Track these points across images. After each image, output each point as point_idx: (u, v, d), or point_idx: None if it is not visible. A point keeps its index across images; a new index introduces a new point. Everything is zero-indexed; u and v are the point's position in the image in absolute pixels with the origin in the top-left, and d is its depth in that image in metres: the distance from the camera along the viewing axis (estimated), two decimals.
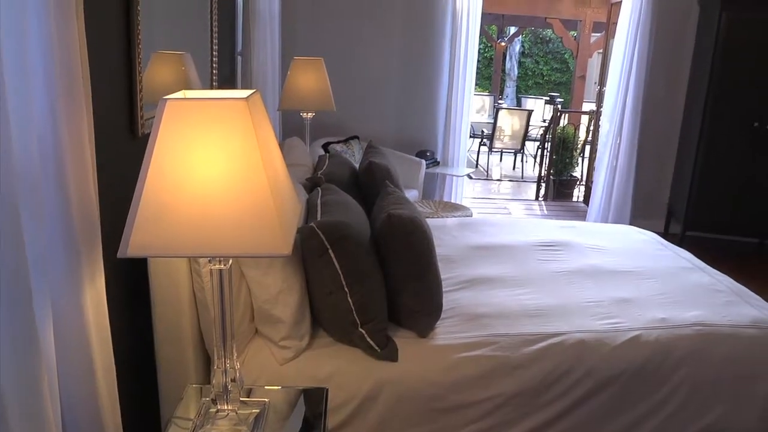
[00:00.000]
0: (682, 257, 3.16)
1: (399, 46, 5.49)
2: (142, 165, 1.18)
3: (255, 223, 1.20)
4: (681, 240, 5.28)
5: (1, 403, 0.98)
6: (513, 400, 2.08)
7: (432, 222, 3.45)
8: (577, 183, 7.48)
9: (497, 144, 8.79)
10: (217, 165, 1.18)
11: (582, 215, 6.36)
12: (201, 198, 1.18)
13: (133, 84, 1.98)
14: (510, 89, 16.77)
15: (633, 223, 5.33)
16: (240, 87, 3.89)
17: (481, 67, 12.74)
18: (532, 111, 9.10)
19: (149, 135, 1.19)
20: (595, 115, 6.85)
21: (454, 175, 5.58)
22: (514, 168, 9.51)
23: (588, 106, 9.69)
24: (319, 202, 2.31)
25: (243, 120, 1.18)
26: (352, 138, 4.88)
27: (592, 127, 7.45)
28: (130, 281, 1.94)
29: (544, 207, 6.99)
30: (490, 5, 7.82)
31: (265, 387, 1.75)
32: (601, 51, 7.66)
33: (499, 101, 13.03)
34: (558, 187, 7.29)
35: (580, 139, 7.79)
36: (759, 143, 5.15)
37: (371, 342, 2.00)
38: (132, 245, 1.17)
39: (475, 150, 9.15)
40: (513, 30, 14.44)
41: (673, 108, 5.74)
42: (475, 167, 8.87)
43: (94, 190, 1.37)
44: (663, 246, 3.34)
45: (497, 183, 8.64)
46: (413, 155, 5.34)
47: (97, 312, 1.40)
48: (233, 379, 1.46)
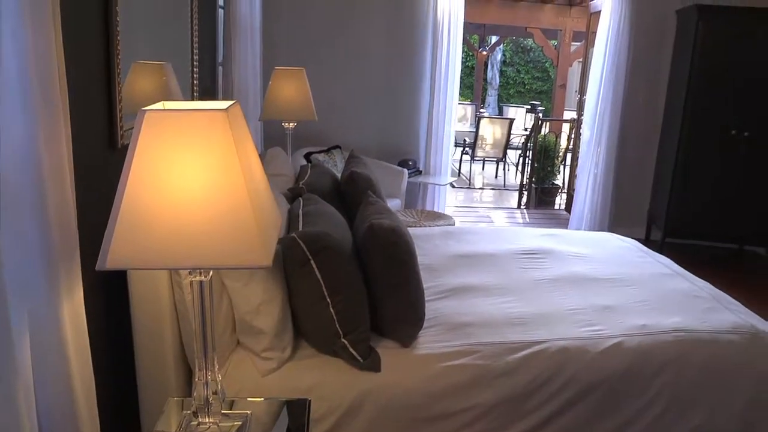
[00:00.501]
0: (662, 264, 3.19)
1: (381, 55, 5.51)
2: (120, 177, 1.17)
3: (234, 235, 1.19)
4: (661, 246, 5.33)
5: None
6: (497, 408, 2.08)
7: (414, 231, 3.46)
8: (559, 191, 7.53)
9: (479, 153, 8.83)
10: (197, 176, 1.17)
11: (564, 223, 6.40)
12: (180, 210, 1.17)
13: (113, 94, 1.97)
14: (492, 98, 16.88)
15: (614, 230, 5.37)
16: (221, 97, 3.88)
17: (463, 76, 12.79)
18: (513, 120, 9.16)
19: (129, 146, 1.18)
20: (576, 124, 6.91)
21: (436, 184, 5.59)
22: (496, 176, 9.56)
23: (569, 114, 9.76)
24: (301, 212, 2.31)
25: (222, 131, 1.18)
26: (334, 148, 4.88)
27: (573, 136, 7.52)
28: (109, 293, 1.92)
29: (526, 215, 7.03)
30: (471, 15, 7.88)
31: (248, 399, 1.74)
32: (581, 60, 7.73)
33: (481, 110, 13.10)
34: (540, 195, 7.33)
35: (561, 148, 7.85)
36: (736, 150, 5.21)
37: (354, 352, 1.99)
38: (111, 258, 1.16)
39: (458, 159, 9.18)
40: (494, 39, 14.54)
41: (653, 116, 5.80)
42: (458, 176, 8.91)
43: (72, 201, 1.35)
44: (643, 253, 3.37)
45: (479, 191, 8.67)
46: (395, 164, 5.34)
47: (76, 325, 1.38)
48: (215, 392, 1.45)
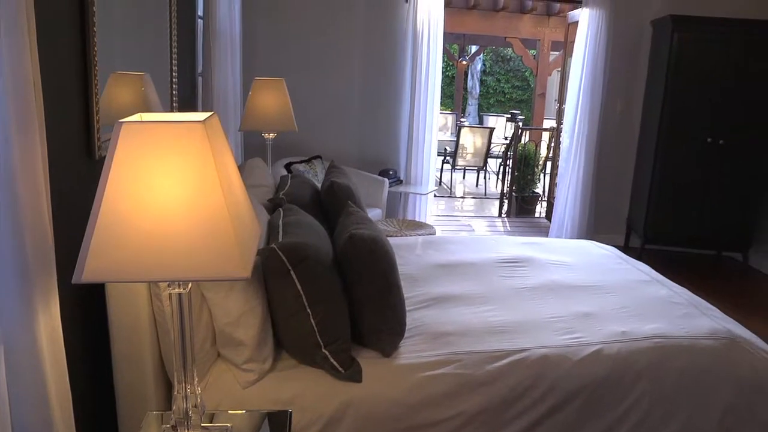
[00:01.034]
0: (640, 271, 3.22)
1: (361, 65, 5.52)
2: (97, 189, 1.16)
3: (213, 247, 1.19)
4: (640, 253, 5.39)
5: None
6: (478, 417, 2.08)
7: (395, 240, 3.46)
8: (539, 199, 7.58)
9: (460, 162, 8.87)
10: (174, 188, 1.17)
11: (544, 231, 6.44)
12: (158, 222, 1.17)
13: (90, 105, 1.95)
14: (472, 107, 16.98)
15: (594, 238, 5.41)
16: (201, 108, 3.87)
17: (444, 86, 12.86)
18: (493, 129, 9.21)
19: (105, 158, 1.17)
20: (556, 132, 6.96)
21: (417, 194, 5.60)
22: (477, 185, 9.61)
23: (548, 123, 9.85)
24: (281, 223, 2.30)
25: (200, 143, 1.17)
26: (314, 158, 4.88)
27: (552, 144, 7.58)
28: (87, 305, 1.90)
29: (507, 223, 7.06)
30: (451, 25, 7.94)
31: (228, 411, 1.72)
32: (560, 69, 7.81)
33: (462, 119, 13.17)
34: (520, 204, 7.38)
35: (541, 156, 7.91)
36: (712, 158, 5.29)
37: (335, 363, 1.99)
38: (87, 270, 1.15)
39: (438, 168, 9.22)
40: (474, 49, 14.64)
41: (630, 124, 5.88)
42: (439, 185, 8.94)
43: (47, 213, 1.34)
44: (622, 260, 3.40)
45: (460, 200, 8.71)
46: (376, 174, 5.35)
47: (52, 338, 1.37)
48: (195, 405, 1.44)
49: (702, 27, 5.16)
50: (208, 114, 1.29)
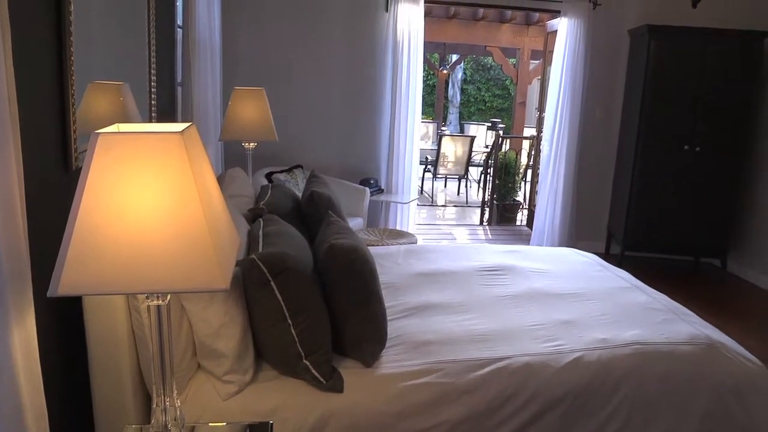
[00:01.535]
0: (620, 277, 3.24)
1: (342, 75, 5.53)
2: (73, 200, 1.15)
3: (191, 258, 1.18)
4: (621, 260, 5.43)
5: None
6: (461, 425, 2.08)
7: (376, 250, 3.46)
8: (520, 207, 7.62)
9: (441, 170, 8.90)
10: (152, 200, 1.16)
11: (526, 239, 6.48)
12: (135, 234, 1.16)
13: (66, 115, 1.93)
14: (453, 116, 17.06)
15: (575, 245, 5.46)
16: (180, 118, 3.84)
17: (424, 95, 12.92)
18: (474, 137, 9.26)
19: (82, 169, 1.16)
20: (536, 140, 7.02)
21: (398, 203, 5.60)
22: (458, 193, 9.64)
23: (529, 131, 9.94)
24: (261, 233, 2.29)
25: (178, 154, 1.17)
26: (295, 167, 4.87)
27: (533, 152, 7.63)
28: (64, 318, 1.87)
29: (488, 231, 7.09)
30: (431, 34, 7.99)
31: (209, 424, 1.71)
32: (540, 78, 7.88)
33: (442, 128, 13.23)
34: (501, 212, 7.41)
35: (522, 164, 7.96)
36: (690, 165, 5.36)
37: (316, 373, 1.98)
38: (63, 283, 1.14)
39: (420, 176, 9.25)
40: (454, 58, 14.73)
41: (609, 132, 5.94)
42: (420, 194, 8.96)
43: (22, 225, 1.32)
44: (602, 267, 3.43)
45: (442, 209, 8.73)
46: (357, 183, 5.35)
47: (27, 352, 1.34)
48: (174, 418, 1.42)
49: (677, 36, 5.24)
50: (186, 125, 1.28)
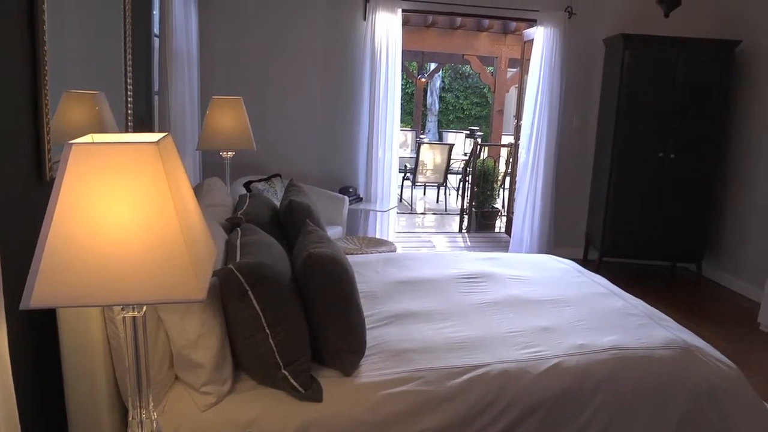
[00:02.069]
0: (598, 283, 3.27)
1: (320, 83, 5.54)
2: (46, 211, 1.14)
3: (167, 269, 1.17)
4: (599, 266, 5.49)
5: None
6: None
7: (355, 258, 3.46)
8: (499, 214, 7.66)
9: (420, 178, 8.93)
10: (127, 211, 1.15)
11: (504, 246, 6.51)
12: (110, 245, 1.14)
13: (40, 125, 1.91)
14: (432, 124, 17.12)
15: (554, 252, 5.50)
16: (157, 127, 3.82)
17: (403, 103, 12.98)
18: (453, 145, 9.31)
19: (55, 180, 1.15)
20: (514, 148, 7.06)
21: (376, 211, 5.61)
22: (437, 201, 9.68)
23: (507, 138, 10.01)
24: (239, 243, 2.28)
25: (153, 164, 1.16)
26: (274, 176, 4.85)
27: (511, 160, 7.68)
28: (37, 330, 1.85)
29: (467, 239, 7.12)
30: (409, 42, 8.02)
31: None
32: (518, 86, 7.94)
33: (421, 136, 13.27)
34: (480, 219, 7.45)
35: (500, 172, 8.01)
36: (665, 172, 5.44)
37: (295, 383, 1.97)
38: (36, 296, 1.12)
39: (399, 184, 9.26)
40: (433, 66, 14.80)
41: (586, 140, 6.01)
42: (399, 201, 8.97)
43: None
44: (580, 273, 3.45)
45: (421, 216, 8.75)
46: (336, 192, 5.35)
47: None
48: (151, 430, 1.41)
49: (651, 45, 5.33)
50: (161, 135, 1.27)
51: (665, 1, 3.06)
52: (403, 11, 5.50)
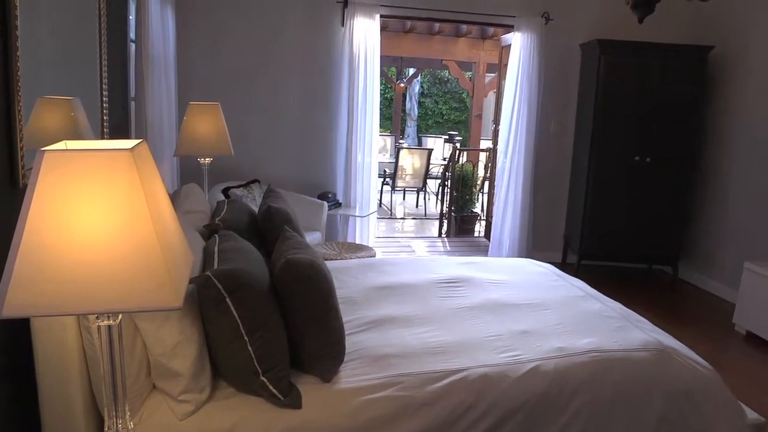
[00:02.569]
0: (576, 287, 3.30)
1: (298, 89, 5.53)
2: (18, 219, 1.12)
3: (143, 277, 1.16)
4: (577, 269, 5.52)
5: None
6: None
7: (334, 264, 3.45)
8: (478, 219, 7.69)
9: (399, 183, 8.94)
10: (101, 218, 1.14)
11: (484, 250, 6.54)
12: (84, 253, 1.13)
13: (13, 131, 1.89)
14: (411, 129, 17.16)
15: (533, 255, 5.54)
16: (134, 133, 3.79)
17: (382, 108, 12.99)
18: (432, 150, 9.33)
19: (27, 188, 1.13)
20: (492, 153, 7.10)
21: (355, 216, 5.60)
22: (417, 206, 9.69)
23: (485, 143, 10.06)
24: (216, 249, 2.26)
25: (128, 171, 1.15)
26: (252, 182, 4.83)
27: (489, 164, 7.72)
28: (10, 339, 1.82)
29: (447, 243, 7.14)
30: (387, 48, 8.04)
31: None
32: (496, 91, 7.99)
33: (400, 141, 13.29)
34: (460, 224, 7.47)
35: (479, 176, 8.04)
36: (641, 176, 5.50)
37: (274, 390, 1.96)
38: (8, 305, 1.11)
39: (378, 189, 9.27)
40: (412, 71, 14.84)
41: (564, 144, 6.06)
42: (379, 206, 8.98)
43: None
44: (558, 277, 3.48)
45: (401, 221, 8.76)
46: (315, 197, 5.34)
47: None
48: None
49: (626, 50, 5.39)
50: (136, 141, 1.26)
51: (639, 8, 3.09)
52: (382, 17, 5.51)
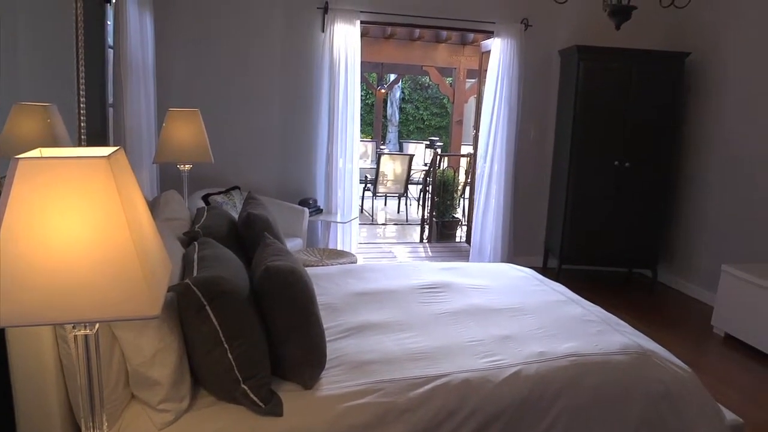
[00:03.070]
0: (556, 291, 3.32)
1: (278, 95, 5.51)
2: None
3: (119, 286, 1.15)
4: (558, 274, 5.56)
5: None
6: None
7: (315, 270, 3.44)
8: (459, 224, 7.72)
9: (381, 189, 8.95)
10: (77, 227, 1.12)
11: (465, 255, 6.56)
12: (60, 262, 1.12)
13: None
14: (392, 134, 17.20)
15: (514, 260, 5.56)
16: (112, 140, 3.76)
17: (363, 114, 13.00)
18: (413, 155, 9.35)
19: (1, 196, 1.12)
20: (473, 158, 7.13)
21: (336, 222, 5.59)
22: (398, 212, 9.70)
23: (466, 149, 10.10)
24: (196, 257, 2.25)
25: (104, 179, 1.14)
26: (233, 189, 4.81)
27: (470, 170, 7.75)
28: None
29: (428, 249, 7.15)
30: (368, 54, 8.05)
31: None
32: (476, 96, 8.03)
33: (381, 147, 13.31)
34: (441, 229, 7.49)
35: (460, 182, 8.07)
36: (620, 180, 5.55)
37: (255, 398, 1.94)
38: None
39: (360, 195, 9.26)
40: (393, 77, 14.87)
41: (544, 149, 6.10)
42: (360, 212, 8.97)
43: None
44: (539, 281, 3.50)
45: (382, 227, 8.76)
46: (296, 204, 5.33)
47: None
48: None
49: (605, 56, 5.45)
50: (113, 149, 1.25)
51: (616, 15, 3.13)
52: (362, 23, 5.51)
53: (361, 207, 9.26)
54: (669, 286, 5.84)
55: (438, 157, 7.96)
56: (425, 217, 7.78)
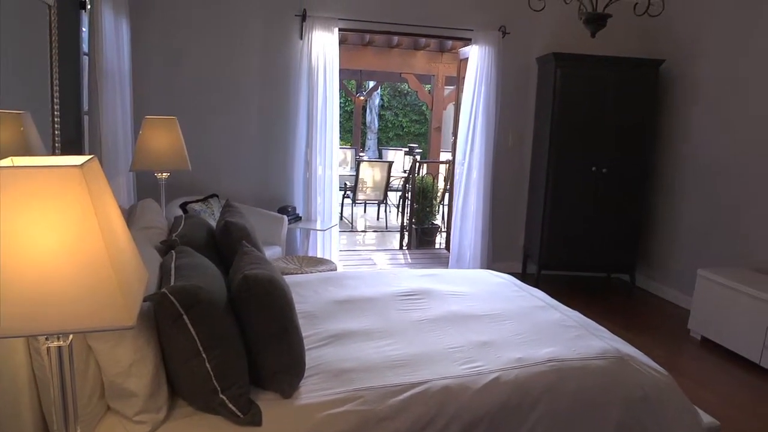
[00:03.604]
0: (535, 297, 3.33)
1: (256, 103, 5.49)
2: None
3: (94, 296, 1.13)
4: (537, 279, 5.59)
5: None
6: None
7: (294, 278, 3.43)
8: (439, 230, 7.73)
9: (360, 195, 8.94)
10: (49, 237, 1.11)
11: (445, 262, 6.56)
12: (31, 272, 1.10)
13: None
14: (371, 141, 17.21)
15: (493, 266, 5.59)
16: (87, 148, 3.72)
17: (342, 121, 12.99)
18: (392, 162, 9.36)
19: None
20: (452, 165, 7.15)
21: (315, 230, 5.56)
22: (378, 218, 9.70)
23: (445, 155, 10.13)
24: (173, 265, 2.22)
25: (77, 188, 1.12)
26: (211, 197, 4.78)
27: (449, 176, 7.77)
28: None
29: (408, 256, 7.15)
30: (346, 61, 8.05)
31: None
32: (455, 103, 8.06)
33: (361, 154, 13.31)
34: (420, 236, 7.50)
35: (439, 188, 8.09)
36: (597, 186, 5.61)
37: (233, 408, 1.92)
38: None
39: (339, 202, 9.25)
40: (371, 84, 14.89)
41: (522, 156, 6.14)
42: (340, 219, 8.95)
43: None
44: (518, 287, 3.51)
45: (362, 234, 8.75)
46: (275, 211, 5.30)
47: None
48: None
49: (582, 63, 5.50)
50: (86, 157, 1.23)
51: (591, 22, 3.16)
52: (340, 30, 5.52)
53: (341, 214, 9.25)
54: (647, 290, 5.90)
55: (417, 164, 7.97)
56: (405, 224, 7.78)
